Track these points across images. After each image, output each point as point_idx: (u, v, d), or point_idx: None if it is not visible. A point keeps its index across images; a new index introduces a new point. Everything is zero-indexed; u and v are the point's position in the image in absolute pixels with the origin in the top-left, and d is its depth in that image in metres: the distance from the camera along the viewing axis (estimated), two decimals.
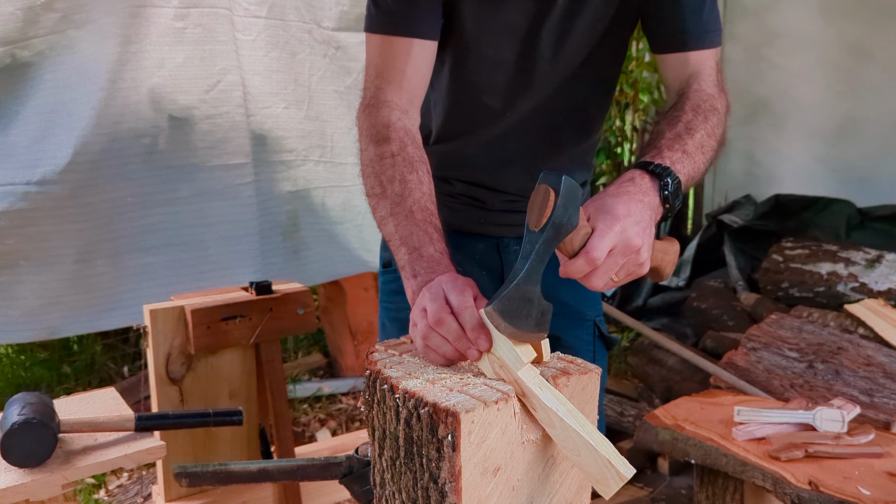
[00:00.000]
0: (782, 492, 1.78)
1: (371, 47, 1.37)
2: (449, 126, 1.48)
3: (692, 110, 1.23)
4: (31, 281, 2.82)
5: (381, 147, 1.24)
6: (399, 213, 1.15)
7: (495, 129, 1.45)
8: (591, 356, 1.51)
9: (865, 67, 4.06)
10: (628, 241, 0.97)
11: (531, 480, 0.92)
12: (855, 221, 3.81)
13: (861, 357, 2.41)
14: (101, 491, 3.02)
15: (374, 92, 1.32)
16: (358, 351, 3.97)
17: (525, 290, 0.91)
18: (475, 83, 1.41)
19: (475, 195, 1.52)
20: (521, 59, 1.38)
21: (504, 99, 1.41)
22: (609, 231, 0.95)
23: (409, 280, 1.08)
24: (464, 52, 1.39)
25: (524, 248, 0.92)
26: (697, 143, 1.18)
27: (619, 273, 0.99)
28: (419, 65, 1.33)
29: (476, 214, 1.53)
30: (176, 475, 1.29)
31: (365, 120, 1.30)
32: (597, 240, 0.94)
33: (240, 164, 3.26)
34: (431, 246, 1.11)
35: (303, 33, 3.35)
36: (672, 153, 1.14)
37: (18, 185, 2.73)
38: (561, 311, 1.38)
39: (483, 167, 1.49)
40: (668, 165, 1.09)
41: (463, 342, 0.93)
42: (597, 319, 1.55)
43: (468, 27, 1.36)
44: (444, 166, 1.48)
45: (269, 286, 2.43)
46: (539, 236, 0.90)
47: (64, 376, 3.81)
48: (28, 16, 2.68)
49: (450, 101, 1.45)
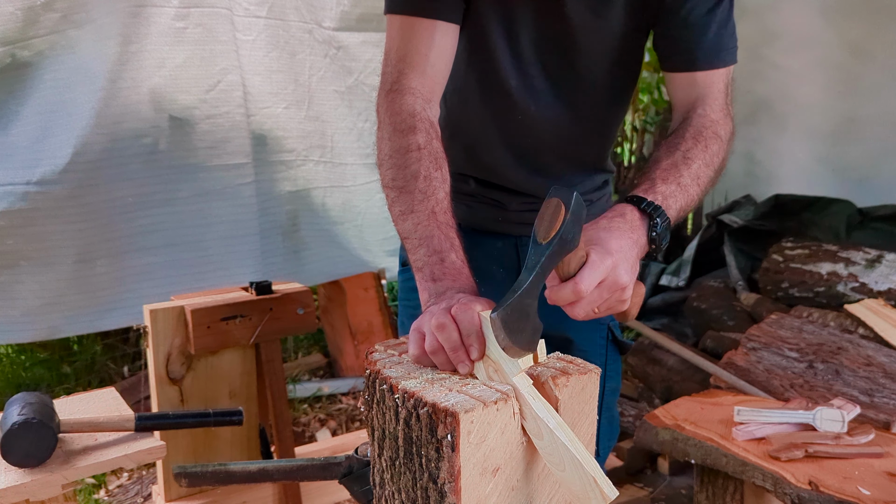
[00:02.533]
0: (782, 492, 1.78)
1: (392, 30, 1.31)
2: (466, 124, 1.44)
3: (693, 138, 1.22)
4: (31, 281, 2.82)
5: (406, 138, 1.20)
6: (421, 210, 1.13)
7: (514, 131, 1.41)
8: (602, 360, 1.49)
9: (865, 67, 4.06)
10: (617, 279, 0.99)
11: (531, 480, 0.92)
12: (855, 221, 3.81)
13: (861, 357, 2.41)
14: (101, 491, 3.02)
15: (397, 77, 1.27)
16: (358, 351, 3.97)
17: (525, 304, 0.91)
18: (494, 83, 1.37)
19: (493, 196, 1.49)
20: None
21: (523, 101, 1.37)
22: (601, 265, 0.96)
23: (428, 283, 1.07)
24: (483, 49, 1.35)
25: (529, 260, 0.92)
26: (693, 175, 1.18)
27: (601, 307, 1.00)
28: (443, 49, 1.29)
29: (494, 213, 1.49)
30: (176, 475, 1.29)
31: (388, 107, 1.25)
32: (587, 272, 0.95)
33: (240, 164, 3.26)
34: (454, 252, 1.10)
35: (303, 33, 3.35)
36: (666, 186, 1.13)
37: (18, 185, 2.73)
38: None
39: (501, 169, 1.45)
40: (659, 203, 1.10)
41: (459, 353, 0.93)
42: (610, 324, 1.52)
43: (485, 22, 1.32)
44: (462, 164, 1.43)
45: (269, 286, 2.43)
46: (546, 249, 0.90)
47: (64, 376, 3.81)
48: (28, 16, 2.68)
49: (466, 96, 1.41)
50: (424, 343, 0.96)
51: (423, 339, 0.97)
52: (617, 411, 1.58)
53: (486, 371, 0.93)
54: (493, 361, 0.92)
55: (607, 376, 1.49)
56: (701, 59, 1.29)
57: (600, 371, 0.98)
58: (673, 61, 1.32)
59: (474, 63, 1.37)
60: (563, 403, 0.92)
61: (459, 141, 1.44)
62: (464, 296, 1.01)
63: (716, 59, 1.29)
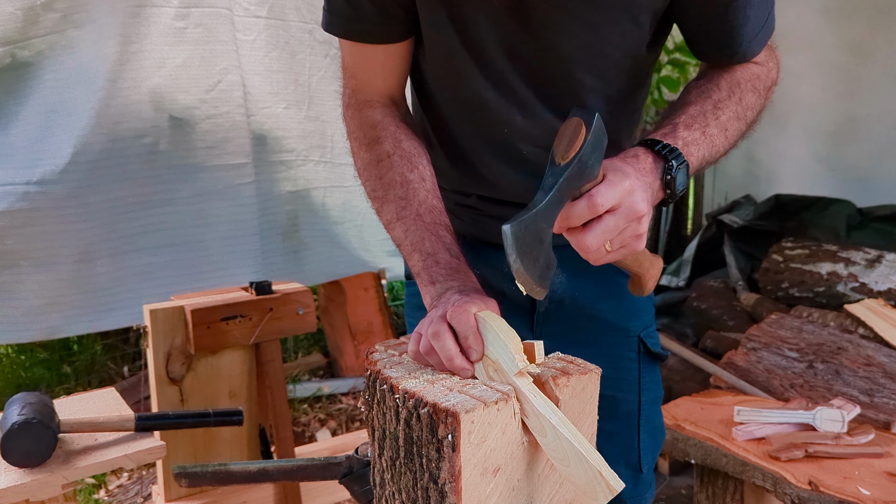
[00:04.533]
0: (782, 492, 1.78)
1: (341, 45, 1.24)
2: (453, 142, 1.31)
3: (728, 87, 1.12)
4: (31, 281, 2.82)
5: (373, 150, 1.19)
6: (406, 216, 1.12)
7: (506, 145, 1.25)
8: (635, 374, 1.36)
9: (865, 67, 4.05)
10: (634, 204, 0.91)
11: (531, 480, 0.92)
12: (855, 221, 3.81)
13: (861, 357, 2.41)
14: (101, 491, 3.02)
15: (352, 92, 1.25)
16: (358, 351, 3.97)
17: (539, 227, 0.85)
18: (469, 99, 1.22)
19: (497, 212, 1.32)
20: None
21: (506, 114, 1.22)
22: (619, 183, 0.89)
23: (428, 286, 1.07)
24: (449, 67, 1.21)
25: (545, 181, 0.86)
26: (722, 125, 1.08)
27: (615, 241, 0.92)
28: (394, 63, 1.23)
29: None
30: (176, 475, 1.29)
31: (351, 121, 1.24)
32: (604, 187, 0.88)
33: (240, 164, 3.26)
34: (447, 251, 1.09)
35: (303, 33, 3.36)
36: (689, 132, 1.04)
37: (18, 185, 2.73)
38: (600, 328, 1.30)
39: (502, 184, 1.29)
40: (677, 146, 1.00)
41: (455, 362, 0.93)
42: (642, 334, 1.38)
43: (441, 38, 1.18)
44: (458, 181, 1.33)
45: (269, 286, 2.43)
46: (564, 170, 0.85)
47: (64, 376, 3.81)
48: (28, 16, 2.68)
49: (446, 116, 1.28)
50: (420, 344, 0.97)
51: (412, 344, 0.98)
52: (660, 421, 1.46)
53: (486, 371, 0.93)
54: (493, 361, 0.92)
55: (643, 388, 1.38)
56: (739, 55, 1.15)
57: (600, 371, 0.97)
58: (709, 57, 1.20)
59: (443, 80, 1.24)
60: (563, 403, 0.92)
61: (451, 158, 1.31)
62: (459, 297, 1.00)
63: (755, 48, 1.16)
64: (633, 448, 1.37)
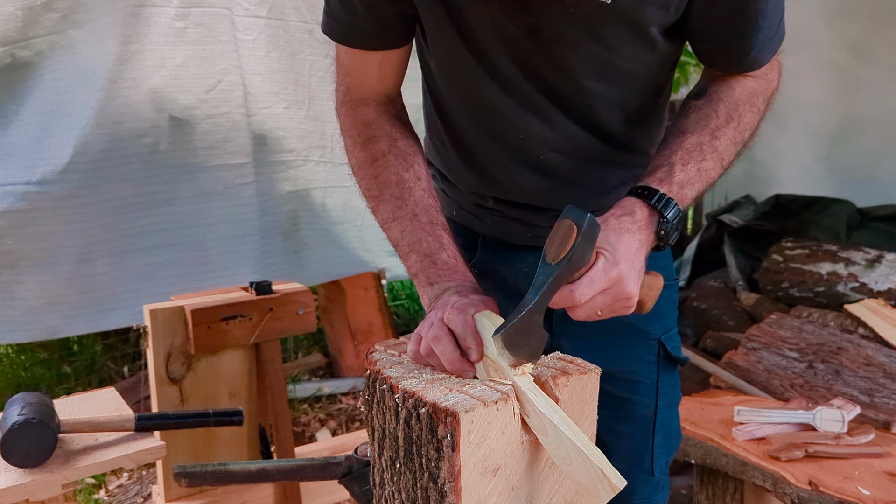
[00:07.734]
0: (782, 492, 1.78)
1: (336, 45, 1.24)
2: (467, 145, 1.28)
3: (726, 112, 1.12)
4: (31, 281, 2.82)
5: (368, 149, 1.19)
6: (402, 216, 1.12)
7: (522, 149, 1.23)
8: (653, 378, 1.36)
9: (865, 67, 4.06)
10: (623, 289, 0.96)
11: (531, 480, 0.92)
12: (855, 221, 3.81)
13: (861, 357, 2.41)
14: (101, 491, 3.02)
15: (347, 89, 1.25)
16: (358, 351, 3.97)
17: (529, 322, 0.91)
18: (481, 105, 1.21)
19: (516, 215, 1.32)
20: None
21: (520, 119, 1.20)
22: (603, 276, 0.94)
23: (426, 288, 1.07)
24: (459, 74, 1.20)
25: (537, 279, 0.92)
26: (719, 154, 1.10)
27: (605, 311, 0.97)
28: (391, 66, 1.23)
29: (521, 229, 1.33)
30: (176, 475, 1.29)
31: (345, 118, 1.23)
32: (586, 282, 0.93)
33: (240, 164, 3.26)
34: (444, 252, 1.09)
35: (303, 33, 3.35)
36: (685, 173, 1.06)
37: (18, 185, 2.73)
38: (618, 330, 1.28)
39: (519, 186, 1.27)
40: (672, 196, 1.04)
41: (456, 365, 0.94)
42: (662, 337, 1.37)
43: (448, 44, 1.17)
44: (475, 184, 1.31)
45: (269, 286, 2.43)
46: (554, 269, 0.90)
47: (64, 376, 3.81)
48: (28, 16, 2.68)
49: (459, 120, 1.27)
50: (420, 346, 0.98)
51: (412, 346, 0.98)
52: (677, 425, 1.45)
53: (486, 370, 0.93)
54: (493, 361, 0.92)
55: (661, 392, 1.37)
56: (747, 65, 1.16)
57: (600, 371, 0.97)
58: (716, 66, 1.19)
59: (454, 86, 1.23)
60: (563, 403, 0.92)
61: (466, 162, 1.29)
62: (457, 298, 1.01)
63: (764, 56, 1.17)
64: (646, 451, 1.37)
